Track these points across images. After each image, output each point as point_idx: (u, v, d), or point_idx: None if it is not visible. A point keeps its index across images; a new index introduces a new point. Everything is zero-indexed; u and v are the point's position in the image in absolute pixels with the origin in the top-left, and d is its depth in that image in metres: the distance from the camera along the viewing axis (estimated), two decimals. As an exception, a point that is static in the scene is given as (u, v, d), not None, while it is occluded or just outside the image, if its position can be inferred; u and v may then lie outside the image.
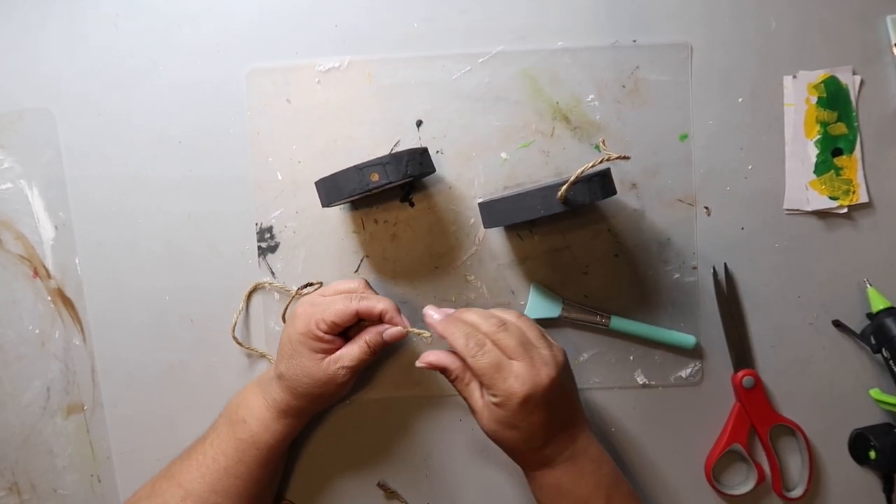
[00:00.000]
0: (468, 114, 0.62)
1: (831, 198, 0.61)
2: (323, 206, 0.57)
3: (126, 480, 0.64)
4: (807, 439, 0.61)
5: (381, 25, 0.62)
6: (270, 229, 0.63)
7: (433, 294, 0.63)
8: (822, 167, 0.61)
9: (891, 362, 0.59)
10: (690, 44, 0.61)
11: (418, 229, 0.63)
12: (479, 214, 0.61)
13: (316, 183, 0.57)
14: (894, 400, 0.59)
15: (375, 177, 0.53)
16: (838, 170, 0.61)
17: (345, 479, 0.64)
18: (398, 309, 0.56)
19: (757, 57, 0.61)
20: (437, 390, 0.63)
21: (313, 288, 0.61)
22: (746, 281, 0.62)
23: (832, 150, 0.61)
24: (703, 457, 0.62)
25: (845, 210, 0.61)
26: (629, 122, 0.61)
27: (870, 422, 0.61)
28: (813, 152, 0.61)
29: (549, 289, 0.62)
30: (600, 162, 0.52)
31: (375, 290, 0.60)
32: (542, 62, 0.62)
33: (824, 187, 0.61)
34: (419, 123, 0.62)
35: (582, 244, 0.62)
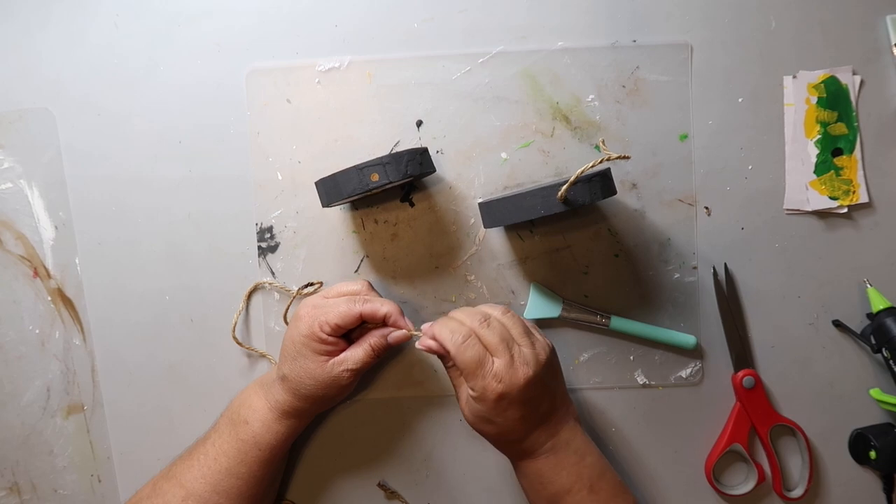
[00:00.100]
0: (468, 114, 0.62)
1: (831, 198, 0.61)
2: (323, 206, 0.57)
3: (126, 480, 0.64)
4: (807, 439, 0.61)
5: (381, 25, 0.62)
6: (270, 229, 0.63)
7: (433, 294, 0.63)
8: (823, 167, 0.61)
9: (891, 362, 0.58)
10: (690, 44, 0.61)
11: (418, 229, 0.63)
12: (480, 214, 0.61)
13: (316, 183, 0.57)
14: (894, 400, 0.59)
15: (375, 177, 0.53)
16: (838, 170, 0.61)
17: (345, 479, 0.64)
18: (402, 311, 0.56)
19: (757, 57, 0.61)
20: (438, 390, 0.63)
21: (314, 288, 0.61)
22: (746, 281, 0.62)
23: (832, 150, 0.61)
24: (704, 457, 0.62)
25: (845, 210, 0.61)
26: (629, 122, 0.61)
27: (870, 422, 0.61)
28: (813, 152, 0.61)
29: (550, 289, 0.62)
30: (600, 162, 0.52)
31: (378, 292, 0.60)
32: (542, 62, 0.62)
33: (824, 187, 0.61)
34: (419, 123, 0.62)
35: (582, 244, 0.62)
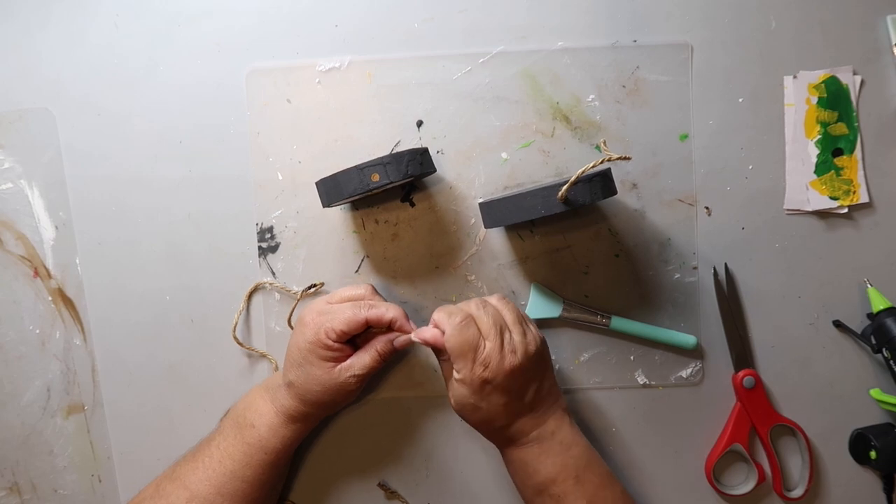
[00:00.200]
0: (468, 114, 0.62)
1: (832, 198, 0.61)
2: (323, 207, 0.57)
3: (126, 480, 0.64)
4: (807, 439, 0.61)
5: (381, 25, 0.62)
6: (271, 229, 0.63)
7: (434, 294, 0.63)
8: (823, 167, 0.61)
9: (891, 362, 0.58)
10: (690, 44, 0.61)
11: (419, 229, 0.63)
12: (480, 214, 0.61)
13: (316, 183, 0.57)
14: (894, 400, 0.59)
15: (376, 177, 0.53)
16: (839, 170, 0.61)
17: (346, 480, 0.64)
18: (407, 316, 0.56)
19: (757, 57, 0.61)
20: (438, 391, 0.63)
21: (315, 288, 0.61)
22: (746, 281, 0.62)
23: (832, 150, 0.61)
24: (704, 457, 0.62)
25: (846, 210, 0.61)
26: (629, 123, 0.61)
27: (870, 422, 0.62)
28: (813, 152, 0.61)
29: (550, 289, 0.62)
30: (601, 162, 0.52)
31: (382, 296, 0.59)
32: (542, 62, 0.61)
33: (825, 187, 0.61)
34: (419, 123, 0.62)
35: (582, 244, 0.62)
